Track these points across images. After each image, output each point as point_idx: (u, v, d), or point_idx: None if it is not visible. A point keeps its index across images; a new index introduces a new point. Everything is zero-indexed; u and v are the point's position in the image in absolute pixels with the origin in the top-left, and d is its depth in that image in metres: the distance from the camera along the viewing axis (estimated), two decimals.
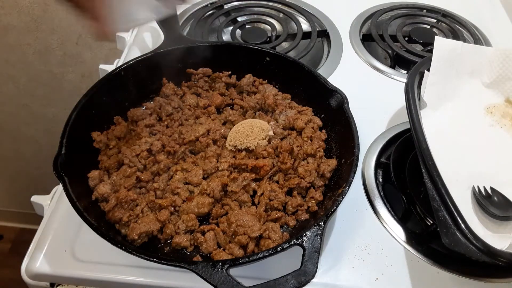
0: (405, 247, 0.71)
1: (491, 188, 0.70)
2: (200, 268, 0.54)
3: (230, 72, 0.90)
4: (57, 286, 0.68)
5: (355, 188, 0.79)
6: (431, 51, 0.87)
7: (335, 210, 0.62)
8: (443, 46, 0.86)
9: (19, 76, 1.75)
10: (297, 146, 0.77)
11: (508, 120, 0.85)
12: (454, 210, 0.58)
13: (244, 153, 0.76)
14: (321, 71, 1.02)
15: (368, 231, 0.73)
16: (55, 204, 0.74)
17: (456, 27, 1.18)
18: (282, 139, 0.79)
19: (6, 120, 1.92)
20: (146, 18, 0.68)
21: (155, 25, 0.96)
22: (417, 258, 0.70)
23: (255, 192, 0.72)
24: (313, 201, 0.71)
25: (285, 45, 1.09)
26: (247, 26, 1.14)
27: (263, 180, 0.73)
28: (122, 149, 0.74)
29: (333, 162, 0.75)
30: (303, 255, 0.56)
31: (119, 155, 0.74)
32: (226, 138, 0.79)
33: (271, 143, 0.77)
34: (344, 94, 0.77)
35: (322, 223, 0.59)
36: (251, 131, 0.77)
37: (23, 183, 2.17)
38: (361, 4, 1.26)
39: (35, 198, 0.80)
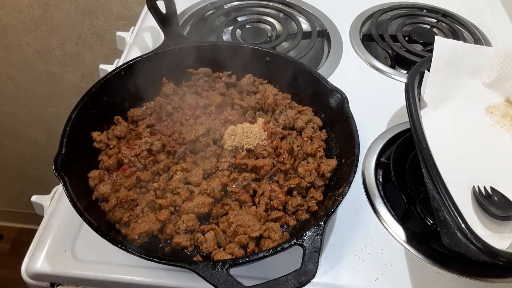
0: (405, 247, 0.71)
1: (491, 188, 0.70)
2: (200, 268, 0.54)
3: (230, 72, 0.90)
4: (57, 286, 0.69)
5: (355, 188, 0.79)
6: (431, 51, 0.87)
7: (335, 210, 0.62)
8: (443, 46, 0.86)
9: (19, 76, 1.75)
10: (297, 146, 0.77)
11: (508, 120, 0.85)
12: (454, 210, 0.58)
13: (244, 153, 0.76)
14: (321, 71, 1.02)
15: (368, 231, 0.73)
16: (55, 204, 0.74)
17: (456, 27, 1.18)
18: (282, 139, 0.79)
19: (6, 120, 1.92)
20: None
21: (155, 25, 0.96)
22: (417, 258, 0.70)
23: (255, 192, 0.73)
24: (313, 201, 0.71)
25: (285, 45, 1.09)
26: (247, 26, 1.14)
27: (263, 180, 0.73)
28: (122, 149, 0.74)
29: (333, 162, 0.75)
30: (304, 255, 0.56)
31: (119, 155, 0.74)
32: None
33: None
34: (344, 94, 0.77)
35: (323, 223, 0.59)
36: (251, 132, 0.77)
37: (23, 183, 2.18)
38: (361, 4, 1.26)
39: (35, 198, 0.80)
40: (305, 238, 0.57)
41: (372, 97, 0.96)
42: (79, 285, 0.68)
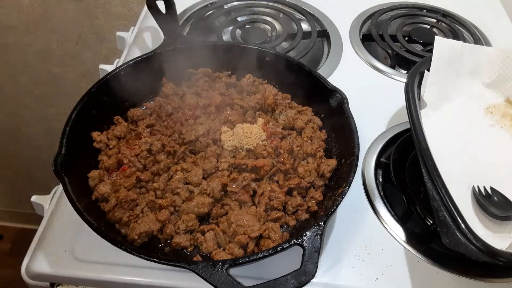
0: (405, 247, 0.71)
1: (491, 188, 0.70)
2: (200, 268, 0.54)
3: (230, 72, 0.90)
4: (57, 286, 0.68)
5: (355, 188, 0.79)
6: (431, 51, 0.87)
7: (335, 210, 0.62)
8: (443, 46, 0.86)
9: (19, 76, 1.75)
10: (297, 146, 0.77)
11: (508, 120, 0.85)
12: (454, 210, 0.58)
13: (244, 153, 0.76)
14: (321, 71, 1.02)
15: (368, 231, 0.73)
16: (55, 204, 0.74)
17: (456, 27, 1.18)
18: (282, 139, 0.79)
19: (6, 120, 1.92)
20: None
21: (155, 25, 0.96)
22: (417, 258, 0.70)
23: (255, 192, 0.72)
24: (313, 201, 0.71)
25: (285, 45, 1.09)
26: (247, 26, 1.14)
27: (263, 180, 0.73)
28: (122, 149, 0.74)
29: (333, 162, 0.75)
30: (303, 255, 0.56)
31: (119, 155, 0.74)
32: None
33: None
34: (344, 94, 0.77)
35: (322, 223, 0.59)
36: (251, 132, 0.77)
37: (23, 183, 2.17)
38: (361, 4, 1.26)
39: (35, 198, 0.80)
40: (305, 238, 0.57)
41: (372, 97, 0.96)
42: (79, 285, 0.68)
